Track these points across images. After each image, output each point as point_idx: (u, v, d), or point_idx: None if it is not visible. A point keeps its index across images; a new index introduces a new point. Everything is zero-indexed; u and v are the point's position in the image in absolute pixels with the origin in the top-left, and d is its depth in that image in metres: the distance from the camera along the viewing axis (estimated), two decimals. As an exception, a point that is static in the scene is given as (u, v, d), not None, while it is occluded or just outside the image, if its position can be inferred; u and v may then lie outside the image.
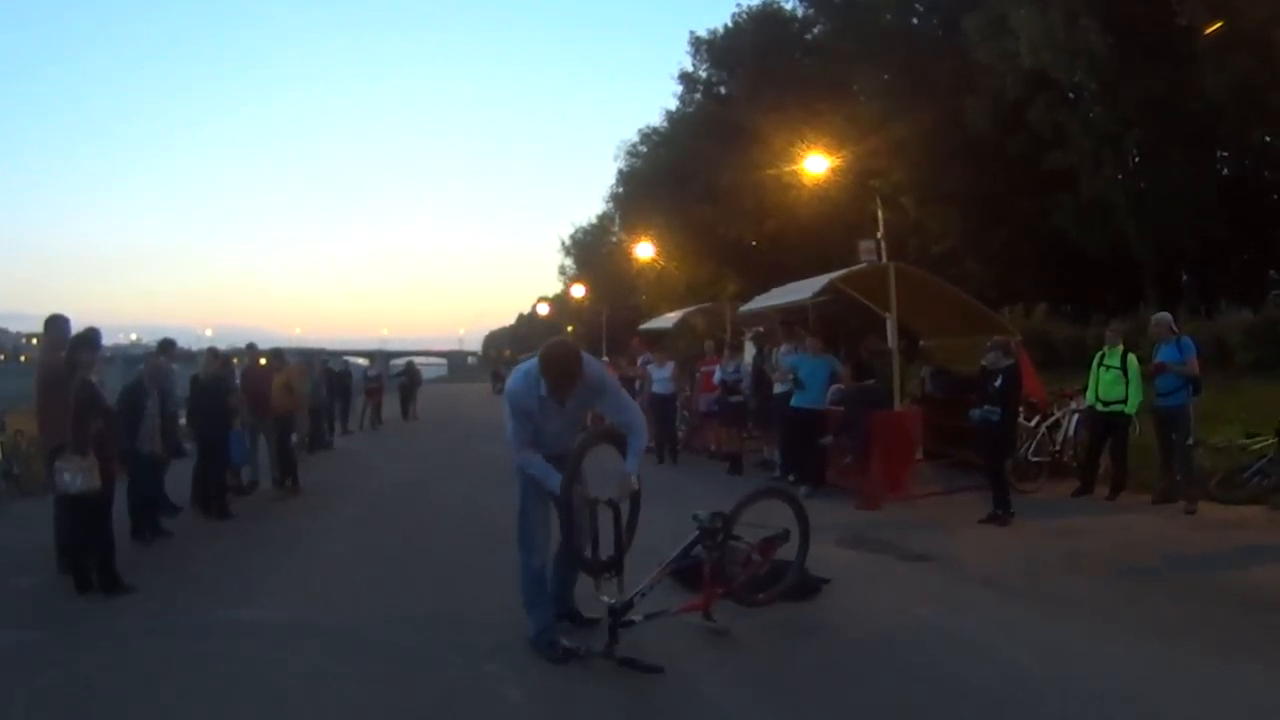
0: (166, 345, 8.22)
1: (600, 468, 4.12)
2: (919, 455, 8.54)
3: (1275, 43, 14.77)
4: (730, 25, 30.97)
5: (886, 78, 24.22)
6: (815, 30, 29.31)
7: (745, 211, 27.64)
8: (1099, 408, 7.52)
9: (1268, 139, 18.66)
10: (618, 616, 3.75)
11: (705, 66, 32.84)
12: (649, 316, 22.50)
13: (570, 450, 3.87)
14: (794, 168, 21.81)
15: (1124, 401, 7.33)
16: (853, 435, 7.91)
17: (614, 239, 44.15)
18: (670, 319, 16.12)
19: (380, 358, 34.05)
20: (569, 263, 55.75)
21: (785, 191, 24.46)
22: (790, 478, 8.39)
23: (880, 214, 17.28)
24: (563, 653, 3.76)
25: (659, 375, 11.17)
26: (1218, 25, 15.36)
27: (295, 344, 52.27)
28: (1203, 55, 16.23)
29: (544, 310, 66.97)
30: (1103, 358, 7.57)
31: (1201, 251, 19.67)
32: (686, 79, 33.50)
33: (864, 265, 12.40)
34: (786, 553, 4.46)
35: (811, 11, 29.32)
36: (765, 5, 30.15)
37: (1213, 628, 4.13)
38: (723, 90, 32.31)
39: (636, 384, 11.33)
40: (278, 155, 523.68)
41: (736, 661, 3.81)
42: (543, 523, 3.91)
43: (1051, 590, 4.87)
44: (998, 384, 6.74)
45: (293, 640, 4.18)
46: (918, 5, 25.66)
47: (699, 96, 33.46)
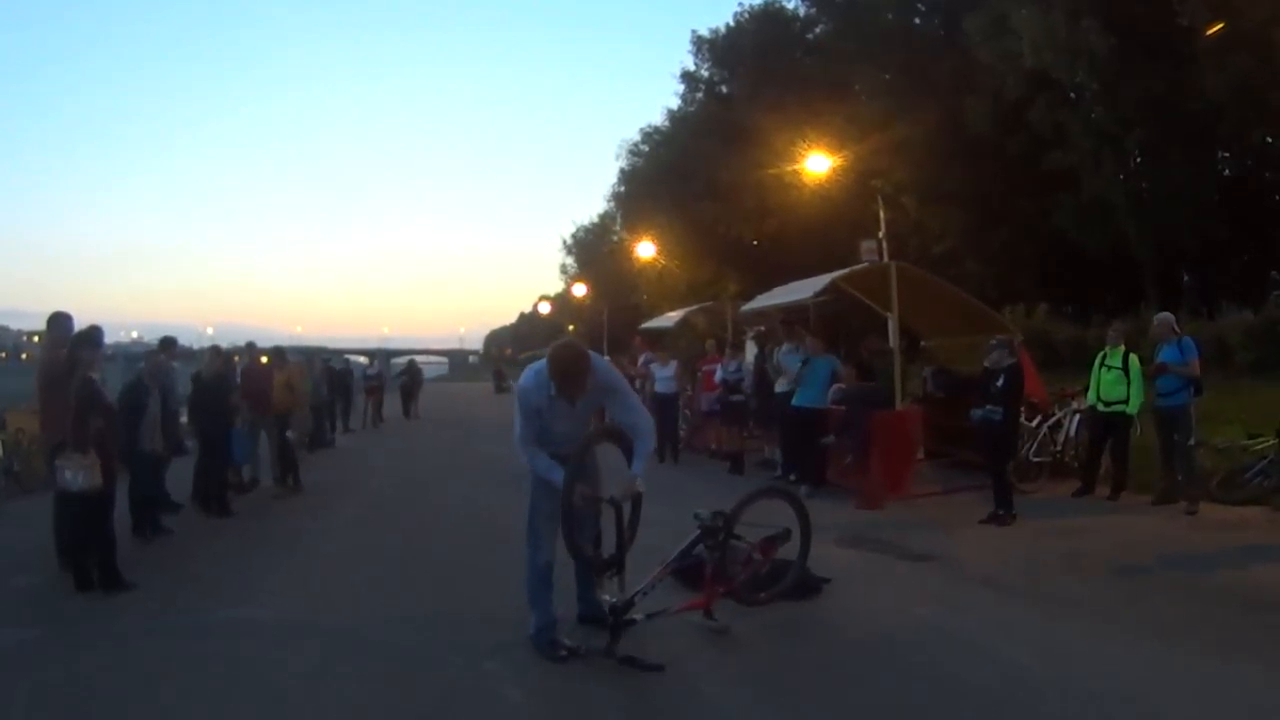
0: (167, 343, 8.25)
1: (609, 466, 4.13)
2: (920, 455, 8.53)
3: (1275, 43, 14.78)
4: (732, 24, 31.12)
5: (888, 77, 24.25)
6: (817, 30, 29.37)
7: (746, 210, 27.66)
8: (1100, 408, 7.50)
9: (1268, 139, 18.69)
10: (619, 615, 3.75)
11: (707, 66, 32.95)
12: (650, 315, 22.49)
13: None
14: (795, 167, 21.83)
15: (1125, 402, 7.32)
16: (853, 435, 7.91)
17: (615, 238, 44.19)
18: (671, 318, 16.10)
19: (381, 356, 34.10)
20: (570, 261, 55.86)
21: (786, 191, 24.47)
22: (791, 477, 8.38)
23: (881, 213, 17.27)
24: (564, 652, 3.75)
25: (662, 374, 11.17)
26: (1219, 26, 15.34)
27: (296, 342, 52.33)
28: (1203, 55, 16.24)
29: (545, 309, 67.01)
30: (1104, 358, 7.55)
31: (1202, 252, 19.69)
32: (688, 78, 33.62)
33: (865, 265, 12.38)
34: (787, 552, 4.46)
35: (813, 11, 29.39)
36: (767, 5, 30.24)
37: (1213, 628, 4.13)
38: (724, 89, 32.38)
39: (638, 383, 11.32)
40: (278, 155, 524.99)
41: (737, 661, 3.81)
42: (551, 519, 3.89)
43: (1052, 590, 4.86)
44: (1000, 383, 6.73)
45: (293, 640, 4.17)
46: (919, 5, 25.70)
47: (700, 96, 33.53)
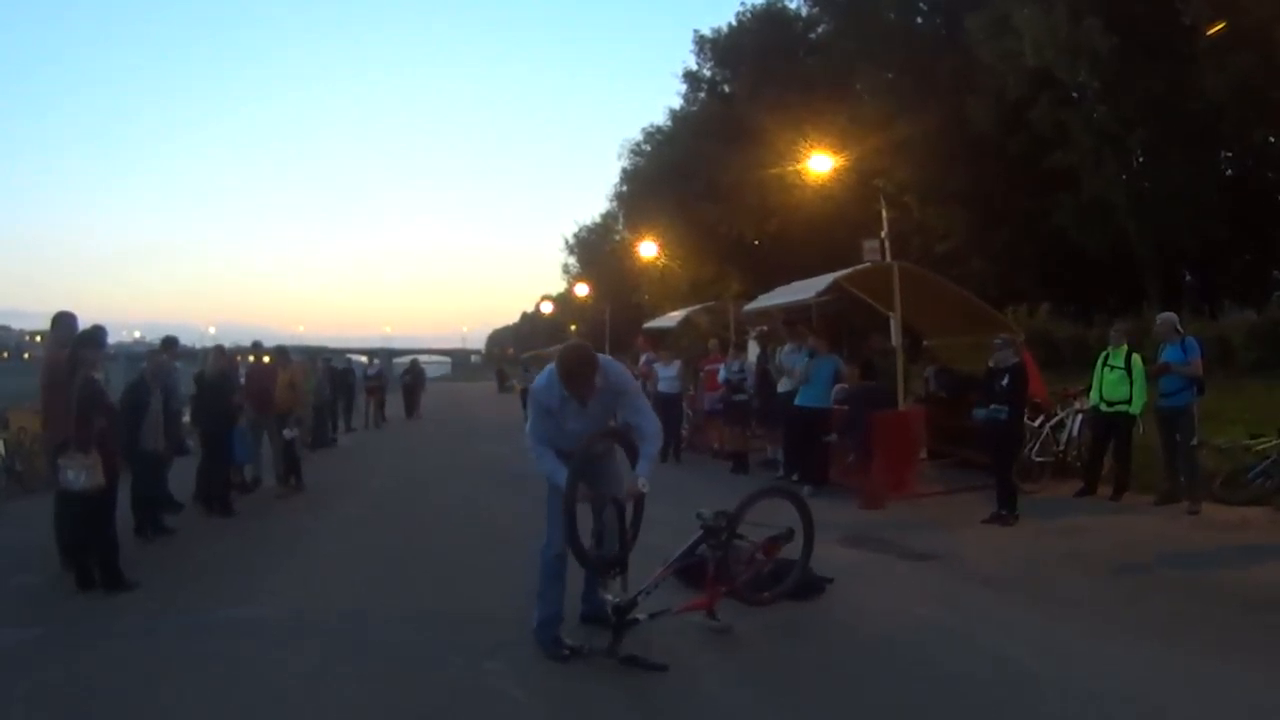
0: (169, 343, 8.29)
1: (617, 466, 4.13)
2: (922, 455, 8.52)
3: (1277, 42, 14.73)
4: (734, 24, 31.05)
5: (889, 77, 24.17)
6: (819, 29, 29.29)
7: (749, 210, 27.59)
8: (1103, 408, 7.49)
9: (1270, 139, 18.62)
10: (621, 615, 3.75)
11: (709, 65, 32.90)
12: (652, 315, 22.49)
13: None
14: (797, 166, 21.81)
15: (1128, 402, 7.30)
16: (856, 435, 7.90)
17: (618, 237, 44.10)
18: (674, 318, 16.09)
19: (384, 356, 34.12)
20: (573, 261, 55.67)
21: (789, 190, 24.42)
22: (794, 477, 8.38)
23: (884, 213, 17.26)
24: (566, 651, 3.76)
25: (665, 374, 11.18)
26: (1220, 25, 15.31)
27: (298, 342, 52.47)
28: (1204, 55, 16.20)
29: (548, 309, 66.94)
30: (1107, 358, 7.54)
31: (1203, 251, 19.64)
32: (690, 78, 33.55)
33: (868, 264, 12.36)
34: (790, 552, 4.46)
35: (815, 11, 29.30)
36: (769, 4, 30.18)
37: (1213, 628, 4.12)
38: (726, 89, 32.33)
39: (640, 383, 11.30)
40: (278, 155, 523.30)
41: (739, 660, 3.81)
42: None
43: (1053, 590, 4.86)
44: (1004, 383, 6.73)
45: (293, 640, 4.18)
46: (921, 4, 25.63)
47: (703, 95, 33.48)
